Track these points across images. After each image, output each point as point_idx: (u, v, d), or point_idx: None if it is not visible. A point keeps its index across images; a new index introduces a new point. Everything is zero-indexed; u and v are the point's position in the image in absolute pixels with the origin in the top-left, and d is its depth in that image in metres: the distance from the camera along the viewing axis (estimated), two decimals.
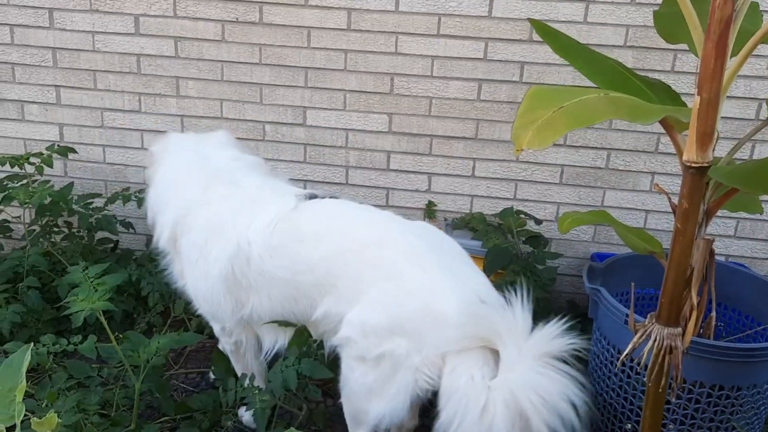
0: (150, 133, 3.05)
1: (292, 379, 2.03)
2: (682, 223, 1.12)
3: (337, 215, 2.04)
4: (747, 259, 2.90)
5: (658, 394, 1.25)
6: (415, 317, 1.68)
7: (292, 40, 2.87)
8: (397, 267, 1.77)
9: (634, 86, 1.82)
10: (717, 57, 1.05)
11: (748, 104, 2.73)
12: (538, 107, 1.35)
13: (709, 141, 1.08)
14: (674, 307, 1.19)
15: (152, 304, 2.69)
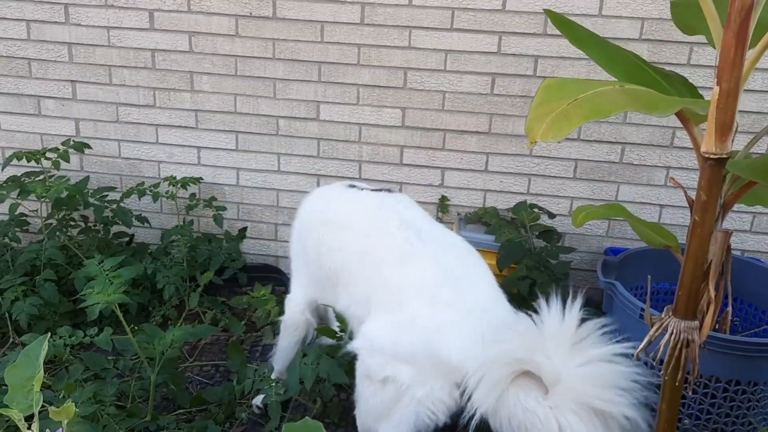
0: (164, 128, 3.07)
1: (309, 378, 2.03)
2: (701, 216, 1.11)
3: (366, 212, 2.02)
4: (763, 254, 2.87)
5: (675, 388, 1.25)
6: (417, 351, 1.65)
7: (305, 35, 2.87)
8: (405, 293, 1.74)
9: (651, 78, 1.80)
10: (737, 46, 1.03)
11: (766, 97, 2.69)
12: (552, 99, 1.34)
13: (728, 132, 1.07)
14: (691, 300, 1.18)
15: (167, 297, 2.71)
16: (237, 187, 3.13)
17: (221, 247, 2.97)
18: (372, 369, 1.73)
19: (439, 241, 1.88)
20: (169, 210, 3.13)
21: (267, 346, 2.69)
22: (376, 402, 1.75)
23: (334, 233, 2.03)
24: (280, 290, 3.12)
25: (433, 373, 1.60)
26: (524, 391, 1.45)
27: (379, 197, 2.13)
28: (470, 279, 1.75)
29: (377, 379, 1.72)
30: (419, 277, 1.75)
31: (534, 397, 1.43)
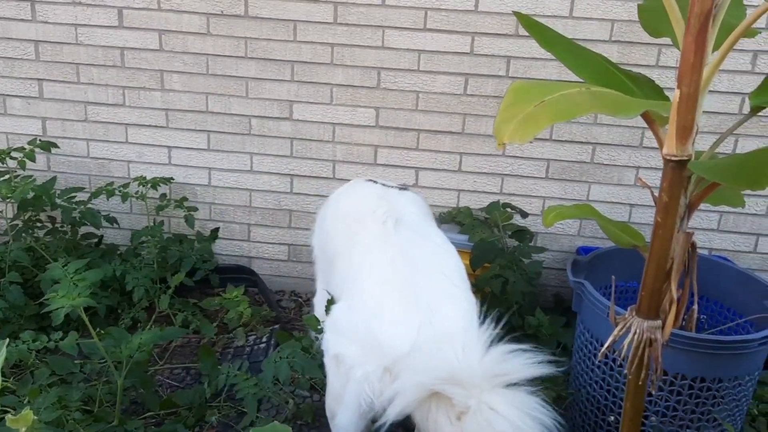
0: (134, 127, 3.03)
1: (285, 372, 2.04)
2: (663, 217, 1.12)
3: (365, 202, 2.06)
4: (730, 252, 2.93)
5: (638, 387, 1.26)
6: (359, 330, 1.67)
7: (278, 34, 2.85)
8: (364, 275, 1.77)
9: (618, 80, 1.82)
10: (696, 51, 1.05)
11: (732, 99, 2.74)
12: (520, 102, 1.34)
13: (688, 134, 1.09)
14: (654, 300, 1.19)
15: (137, 299, 2.67)
16: (209, 187, 3.09)
17: (193, 248, 2.94)
18: (328, 345, 1.78)
19: (416, 234, 1.89)
20: (139, 210, 3.08)
21: (239, 347, 2.66)
22: (334, 382, 1.78)
23: (337, 222, 2.10)
24: (253, 291, 3.10)
25: (370, 354, 1.61)
26: (437, 406, 1.48)
27: (387, 191, 2.18)
28: (430, 272, 1.75)
29: (331, 356, 1.75)
30: (379, 261, 1.78)
31: (445, 413, 1.47)
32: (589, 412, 1.93)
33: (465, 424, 1.43)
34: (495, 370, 1.45)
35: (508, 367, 1.46)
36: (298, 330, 2.77)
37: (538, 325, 2.54)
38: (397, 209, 1.97)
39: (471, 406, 1.42)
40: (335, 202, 2.24)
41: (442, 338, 1.55)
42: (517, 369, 1.46)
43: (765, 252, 2.94)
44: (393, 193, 2.15)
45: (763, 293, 1.96)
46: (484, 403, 1.41)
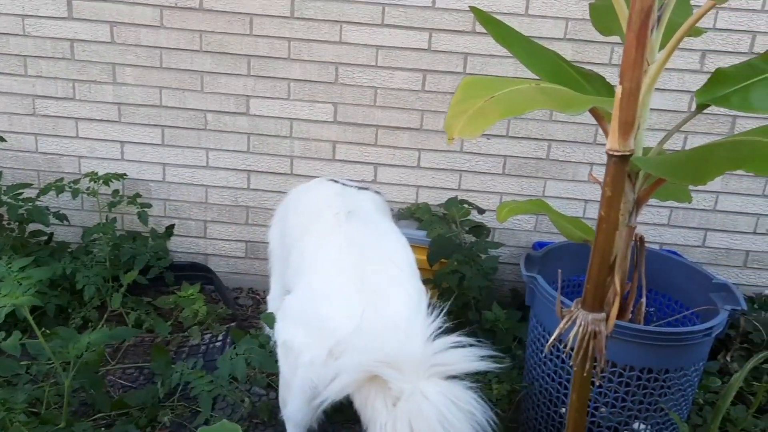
0: (85, 122, 2.95)
1: (241, 369, 2.02)
2: (606, 211, 1.14)
3: (324, 198, 2.09)
4: (680, 247, 3.01)
5: (584, 378, 1.29)
6: (306, 312, 1.69)
7: (233, 27, 2.81)
8: (313, 261, 1.78)
9: (570, 77, 1.85)
10: (638, 47, 1.07)
11: (681, 97, 2.81)
12: (470, 97, 1.36)
13: (630, 130, 1.11)
14: (598, 293, 1.22)
15: (88, 298, 2.60)
16: (163, 183, 3.03)
17: (146, 246, 2.87)
18: (278, 333, 1.78)
19: (366, 224, 1.90)
20: (91, 207, 3.00)
21: (194, 346, 2.62)
22: (284, 370, 1.78)
23: (295, 216, 2.10)
24: (209, 289, 3.06)
25: (315, 338, 1.61)
26: (377, 391, 1.49)
27: (345, 189, 2.20)
28: (377, 258, 1.76)
29: (281, 343, 1.76)
30: (327, 248, 1.79)
31: (383, 399, 1.48)
32: (541, 404, 1.96)
33: (398, 410, 1.44)
34: (435, 359, 1.46)
35: (448, 357, 1.47)
36: (256, 328, 2.74)
37: (495, 319, 2.56)
38: (351, 204, 1.98)
39: (405, 391, 1.43)
40: (295, 198, 2.24)
41: (387, 322, 1.55)
42: (457, 361, 1.47)
43: (713, 246, 3.03)
44: (351, 191, 2.16)
45: (708, 286, 2.01)
46: (418, 389, 1.42)
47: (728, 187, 2.93)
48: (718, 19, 2.72)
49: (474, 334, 2.53)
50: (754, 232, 2.99)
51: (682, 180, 1.35)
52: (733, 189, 2.93)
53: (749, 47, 2.74)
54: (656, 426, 1.87)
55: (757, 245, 3.00)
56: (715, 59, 2.74)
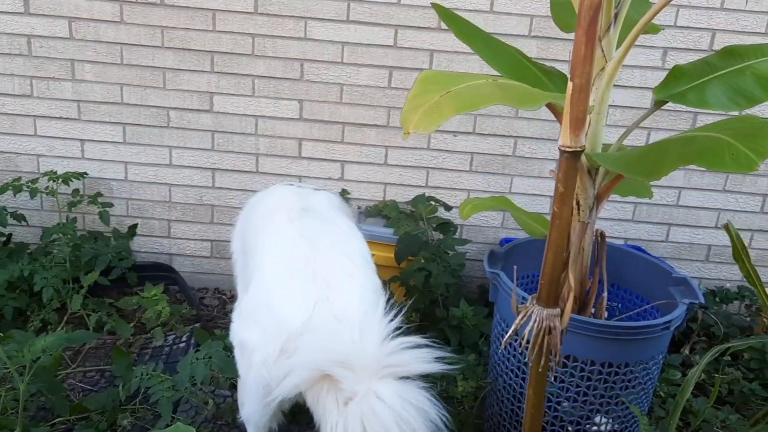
0: (43, 120, 2.88)
1: (201, 372, 1.99)
2: (559, 207, 1.14)
3: (281, 199, 2.07)
4: (644, 242, 3.05)
5: (540, 374, 1.29)
6: (259, 308, 1.67)
7: (196, 23, 2.77)
8: (266, 258, 1.76)
9: (531, 73, 1.86)
10: (587, 43, 1.07)
11: (644, 93, 2.85)
12: (427, 92, 1.35)
13: (581, 126, 1.11)
14: (552, 288, 1.22)
15: (46, 300, 2.54)
16: (125, 182, 2.97)
17: (108, 246, 2.82)
18: (234, 333, 1.75)
19: (320, 219, 1.87)
20: (51, 207, 2.94)
21: (157, 348, 2.57)
22: (241, 371, 1.75)
23: (253, 219, 2.07)
24: (173, 289, 3.01)
25: (268, 335, 1.59)
26: (329, 390, 1.47)
27: (302, 190, 2.17)
28: (330, 252, 1.73)
29: (237, 343, 1.73)
30: (279, 243, 1.77)
31: (334, 398, 1.46)
32: (505, 399, 1.96)
33: (350, 410, 1.42)
34: (389, 360, 1.44)
35: (403, 358, 1.45)
36: (222, 328, 2.70)
37: (462, 316, 2.57)
38: (306, 201, 1.96)
39: (358, 392, 1.41)
40: (254, 202, 2.22)
41: (340, 317, 1.53)
42: (411, 362, 1.45)
43: (676, 241, 3.07)
44: (306, 191, 2.15)
45: (668, 280, 2.04)
46: (372, 390, 1.40)
47: (690, 183, 2.98)
48: (679, 17, 2.76)
49: (441, 331, 2.56)
50: (716, 226, 3.04)
51: (638, 175, 1.36)
52: (696, 185, 2.98)
53: (709, 45, 2.79)
54: (618, 419, 1.88)
55: (718, 239, 3.05)
56: (676, 56, 2.78)
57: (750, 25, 2.76)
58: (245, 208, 2.25)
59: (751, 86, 1.66)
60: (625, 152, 1.56)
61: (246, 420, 1.80)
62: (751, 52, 1.74)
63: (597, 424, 1.86)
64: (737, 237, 1.65)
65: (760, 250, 3.06)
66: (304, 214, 1.85)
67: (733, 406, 2.48)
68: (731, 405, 2.49)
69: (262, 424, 1.75)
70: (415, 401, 1.39)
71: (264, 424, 1.75)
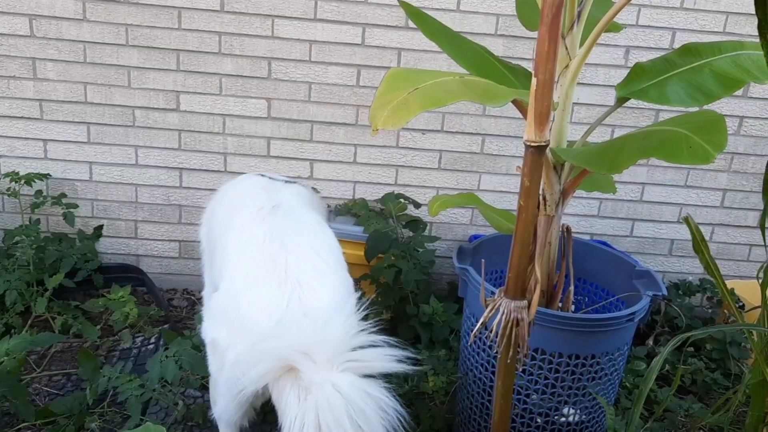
0: (4, 119, 2.81)
1: (172, 371, 1.97)
2: (525, 200, 1.16)
3: (250, 192, 2.04)
4: (609, 237, 3.11)
5: (508, 365, 1.31)
6: (228, 307, 1.66)
7: (161, 21, 2.73)
8: (235, 256, 1.76)
9: (496, 70, 1.89)
10: (550, 40, 1.09)
11: (609, 91, 2.91)
12: (394, 88, 1.36)
13: (545, 120, 1.13)
14: (519, 281, 1.24)
15: (9, 303, 2.48)
16: (90, 183, 2.92)
17: (73, 248, 2.76)
18: (205, 332, 1.75)
19: (290, 217, 1.87)
20: (12, 209, 2.87)
21: (125, 350, 2.54)
22: (212, 370, 1.75)
23: (220, 212, 2.05)
24: (141, 291, 2.97)
25: (239, 334, 1.58)
26: (292, 384, 1.47)
27: (272, 182, 2.15)
28: (300, 250, 1.73)
29: (208, 343, 1.73)
30: (249, 242, 1.76)
31: (296, 393, 1.45)
32: (476, 393, 1.99)
33: (307, 402, 1.42)
34: (351, 355, 1.44)
35: (365, 355, 1.45)
36: (191, 329, 2.67)
37: (433, 312, 2.58)
38: (276, 197, 1.95)
39: (314, 381, 1.41)
40: (221, 194, 2.20)
41: (310, 313, 1.54)
42: (374, 359, 1.45)
43: (640, 236, 3.15)
44: (277, 185, 2.13)
45: (632, 273, 2.08)
46: (329, 380, 1.40)
47: (653, 179, 3.05)
48: (640, 17, 2.83)
49: (412, 328, 2.57)
50: (678, 221, 3.12)
51: (600, 169, 1.39)
52: (658, 180, 3.05)
53: (670, 43, 2.86)
54: (585, 410, 1.92)
55: (681, 234, 3.13)
56: (638, 55, 2.84)
57: (708, 24, 2.84)
58: (215, 196, 2.24)
59: (709, 83, 1.71)
60: (587, 148, 1.60)
61: (218, 418, 1.79)
62: (709, 50, 1.80)
63: (565, 416, 1.90)
64: (697, 229, 1.70)
65: (721, 243, 3.15)
66: (274, 212, 1.84)
67: (696, 395, 2.55)
68: (694, 395, 2.56)
69: (233, 421, 1.74)
70: (373, 394, 1.39)
71: (236, 422, 1.74)
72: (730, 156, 3.03)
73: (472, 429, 2.04)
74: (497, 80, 1.72)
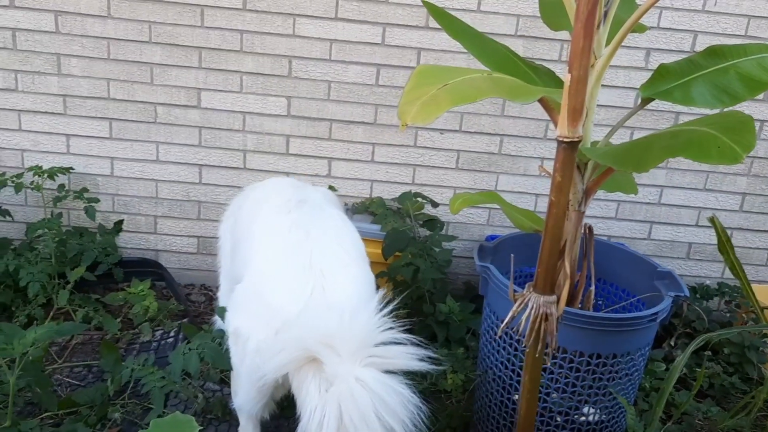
0: (28, 114, 2.85)
1: (194, 364, 1.98)
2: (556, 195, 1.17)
3: (276, 189, 2.07)
4: (627, 239, 3.10)
5: (535, 360, 1.32)
6: (250, 295, 1.68)
7: (184, 19, 2.76)
8: (260, 245, 1.78)
9: (520, 70, 1.89)
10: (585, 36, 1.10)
11: (628, 93, 2.91)
12: (423, 84, 1.37)
13: (579, 116, 1.14)
14: (549, 276, 1.25)
15: (32, 295, 2.51)
16: (112, 178, 2.95)
17: (94, 242, 2.80)
18: (228, 323, 1.76)
19: (315, 210, 1.88)
20: (35, 203, 2.90)
21: (145, 343, 2.56)
22: (234, 360, 1.76)
23: (247, 207, 2.07)
24: (160, 285, 3.00)
25: (262, 321, 1.59)
26: (313, 374, 1.48)
27: (301, 183, 2.19)
28: (325, 243, 1.74)
29: (231, 333, 1.74)
30: (275, 231, 1.78)
31: (317, 384, 1.46)
32: (495, 392, 1.99)
33: (329, 394, 1.42)
34: (375, 350, 1.45)
35: (388, 351, 1.46)
36: (208, 324, 2.70)
37: (449, 311, 2.59)
38: (303, 193, 1.97)
39: (338, 374, 1.41)
40: (248, 191, 2.23)
41: (333, 304, 1.55)
42: (396, 356, 1.46)
43: (658, 238, 3.14)
44: (303, 184, 2.17)
45: (653, 274, 2.09)
46: (352, 373, 1.40)
47: (672, 182, 3.04)
48: (662, 19, 2.82)
49: (428, 327, 2.58)
50: (696, 224, 3.11)
51: (626, 167, 1.39)
52: (677, 183, 3.04)
53: (691, 46, 2.85)
54: (605, 410, 1.92)
55: (699, 237, 3.12)
56: (659, 57, 2.84)
57: (730, 27, 2.83)
58: (241, 193, 2.26)
59: (734, 84, 1.71)
60: (613, 146, 1.60)
61: (239, 409, 1.81)
62: (735, 52, 1.79)
63: (585, 415, 1.90)
64: (722, 230, 1.70)
65: (740, 247, 3.13)
66: (300, 205, 1.87)
67: (714, 399, 2.55)
68: (712, 398, 2.55)
69: (254, 412, 1.76)
70: (397, 388, 1.39)
71: (257, 413, 1.76)
72: (750, 160, 3.02)
73: (490, 427, 2.04)
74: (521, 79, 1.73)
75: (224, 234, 2.23)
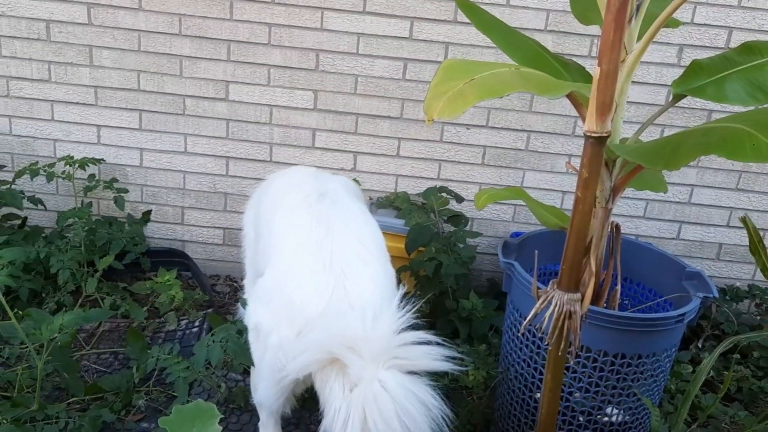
0: (61, 104, 2.90)
1: (217, 355, 2.00)
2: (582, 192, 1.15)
3: (298, 179, 2.07)
4: (655, 239, 3.05)
5: (558, 358, 1.30)
6: (273, 291, 1.69)
7: (213, 11, 2.78)
8: (281, 240, 1.78)
9: (549, 64, 1.87)
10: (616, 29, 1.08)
11: (659, 90, 2.85)
12: (450, 79, 1.36)
13: (607, 111, 1.12)
14: (574, 273, 1.23)
15: (62, 282, 2.56)
16: (140, 169, 3.00)
17: (123, 231, 2.84)
18: (249, 317, 1.77)
19: (337, 205, 1.88)
20: (66, 192, 2.96)
21: (170, 332, 2.60)
22: (255, 354, 1.77)
23: (268, 197, 2.08)
24: (186, 275, 3.03)
25: (284, 318, 1.60)
26: (337, 375, 1.48)
27: (322, 174, 2.20)
28: (346, 239, 1.74)
29: (252, 327, 1.75)
30: (297, 226, 1.78)
31: (341, 384, 1.47)
32: (517, 389, 1.98)
33: (353, 396, 1.43)
34: (398, 352, 1.45)
35: (411, 352, 1.46)
36: (233, 314, 2.73)
37: (472, 307, 2.58)
38: (324, 185, 1.97)
39: (363, 378, 1.42)
40: (270, 181, 2.24)
41: (354, 304, 1.55)
42: (420, 357, 1.46)
43: (687, 239, 3.08)
44: (325, 175, 2.16)
45: (681, 274, 2.05)
46: (376, 377, 1.41)
47: (703, 181, 2.98)
48: (696, 14, 2.76)
49: (451, 323, 2.57)
50: (727, 225, 3.04)
51: (656, 165, 1.36)
52: (708, 182, 2.98)
53: (725, 42, 2.79)
54: (629, 411, 1.90)
55: (729, 238, 3.06)
56: (692, 53, 2.78)
57: (767, 23, 2.76)
58: (263, 183, 2.27)
59: None
60: (643, 143, 1.57)
61: (259, 404, 1.82)
62: None
63: (608, 415, 1.88)
64: (755, 231, 1.66)
65: None
66: (321, 199, 1.87)
67: (741, 403, 2.49)
68: (740, 402, 2.50)
69: (275, 408, 1.77)
70: (419, 394, 1.39)
71: (277, 408, 1.77)
72: None
73: (511, 424, 2.03)
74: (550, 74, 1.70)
75: (248, 224, 2.25)
